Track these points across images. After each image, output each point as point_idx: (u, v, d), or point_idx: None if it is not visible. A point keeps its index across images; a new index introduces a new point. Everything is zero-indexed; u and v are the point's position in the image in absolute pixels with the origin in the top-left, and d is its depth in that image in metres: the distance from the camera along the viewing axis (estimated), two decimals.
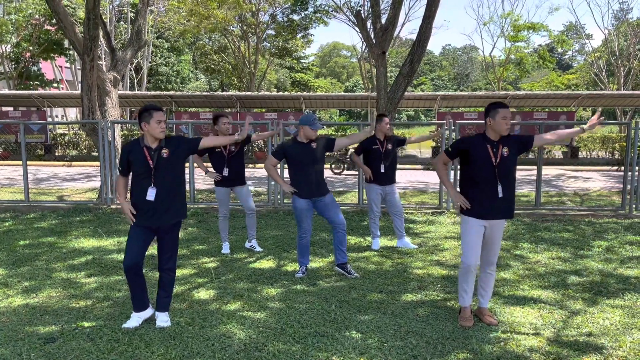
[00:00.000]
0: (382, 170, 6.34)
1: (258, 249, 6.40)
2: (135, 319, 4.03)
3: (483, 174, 3.96)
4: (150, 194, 3.86)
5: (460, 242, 4.30)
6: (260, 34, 31.72)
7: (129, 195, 4.04)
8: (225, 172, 6.12)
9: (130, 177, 4.04)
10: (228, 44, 34.05)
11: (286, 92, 35.95)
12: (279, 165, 5.68)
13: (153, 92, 25.72)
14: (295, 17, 30.72)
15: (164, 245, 4.01)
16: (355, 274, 5.35)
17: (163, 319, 4.05)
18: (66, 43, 27.80)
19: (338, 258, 5.40)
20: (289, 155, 5.19)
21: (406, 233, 7.27)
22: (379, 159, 6.34)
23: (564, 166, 18.65)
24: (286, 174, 5.80)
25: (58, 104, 25.09)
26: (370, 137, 6.44)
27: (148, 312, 4.11)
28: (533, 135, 4.10)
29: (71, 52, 30.05)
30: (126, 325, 3.99)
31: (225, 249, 6.34)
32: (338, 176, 15.78)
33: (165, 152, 3.92)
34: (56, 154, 22.41)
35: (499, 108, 3.93)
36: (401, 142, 6.65)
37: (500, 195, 3.95)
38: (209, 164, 6.34)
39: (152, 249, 5.93)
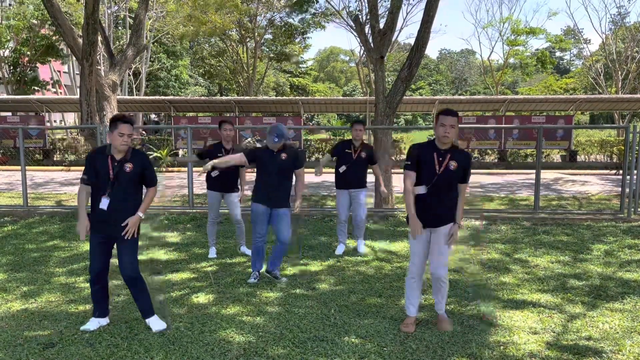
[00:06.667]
0: (348, 174, 6.27)
1: (249, 252, 6.37)
2: (95, 323, 4.07)
3: (424, 180, 3.84)
4: (103, 203, 3.84)
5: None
6: (258, 39, 31.77)
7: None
8: (215, 173, 6.09)
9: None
10: (226, 48, 34.09)
11: (285, 97, 35.99)
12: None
13: (151, 97, 25.68)
14: (293, 20, 30.78)
15: (122, 252, 3.95)
16: (285, 279, 5.30)
17: (156, 323, 4.04)
18: (63, 46, 27.78)
19: (270, 265, 5.32)
20: (258, 159, 5.22)
21: (401, 238, 7.26)
22: (347, 164, 6.26)
23: (563, 170, 18.66)
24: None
25: (56, 108, 25.10)
26: (345, 141, 6.44)
27: (106, 321, 4.14)
28: (468, 176, 3.92)
29: (68, 55, 30.04)
30: (85, 327, 4.02)
31: (212, 253, 6.38)
32: (324, 182, 15.60)
33: (128, 167, 3.87)
34: (54, 158, 22.37)
35: (440, 115, 3.77)
36: (372, 160, 6.39)
37: (438, 203, 3.84)
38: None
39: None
